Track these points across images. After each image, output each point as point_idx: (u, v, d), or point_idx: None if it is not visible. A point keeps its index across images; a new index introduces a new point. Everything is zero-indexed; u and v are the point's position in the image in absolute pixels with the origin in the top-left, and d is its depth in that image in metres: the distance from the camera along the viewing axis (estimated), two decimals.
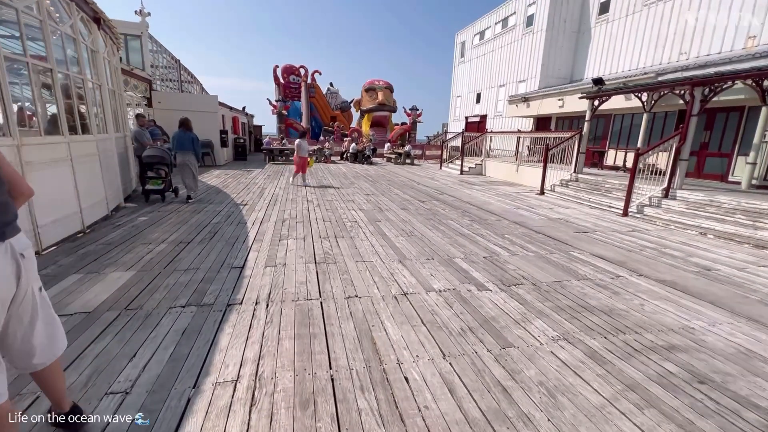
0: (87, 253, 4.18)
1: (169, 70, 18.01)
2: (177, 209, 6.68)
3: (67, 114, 4.82)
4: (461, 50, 27.21)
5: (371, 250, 4.75)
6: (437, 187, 11.31)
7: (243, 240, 4.93)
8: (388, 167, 17.86)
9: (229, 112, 17.58)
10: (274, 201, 7.86)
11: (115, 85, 8.05)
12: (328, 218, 6.44)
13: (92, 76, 5.89)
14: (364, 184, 11.30)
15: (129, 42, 13.76)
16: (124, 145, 7.46)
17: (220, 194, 8.46)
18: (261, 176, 12.14)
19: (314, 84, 29.36)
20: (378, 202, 8.26)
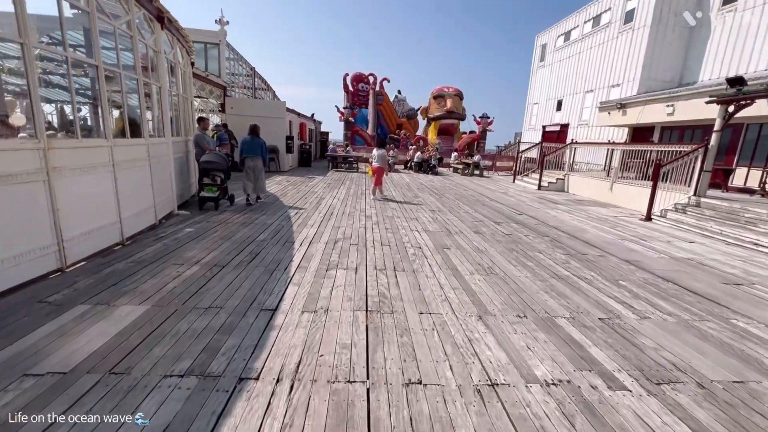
0: (112, 273, 3.65)
1: (244, 77, 18.65)
2: (227, 220, 6.19)
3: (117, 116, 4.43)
4: (541, 54, 25.00)
5: (439, 293, 3.65)
6: (513, 204, 9.83)
7: (285, 267, 4.12)
8: (454, 178, 16.57)
9: (296, 118, 17.66)
10: (329, 214, 7.11)
11: (184, 89, 7.96)
12: (387, 241, 5.46)
13: (150, 77, 5.60)
14: (430, 197, 10.21)
15: (209, 50, 14.31)
16: (184, 149, 7.25)
17: (275, 204, 7.95)
18: (321, 184, 11.64)
19: (382, 91, 29.09)
20: (446, 221, 7.12)
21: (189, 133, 7.77)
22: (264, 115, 14.33)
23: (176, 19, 6.37)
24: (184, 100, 7.73)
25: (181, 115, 7.43)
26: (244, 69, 17.85)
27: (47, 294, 3.10)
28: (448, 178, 16.70)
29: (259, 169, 7.74)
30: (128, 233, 4.67)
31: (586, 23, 20.10)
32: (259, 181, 7.80)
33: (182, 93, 7.54)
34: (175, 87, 6.98)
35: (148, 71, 5.52)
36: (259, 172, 7.75)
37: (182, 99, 7.49)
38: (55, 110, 9.77)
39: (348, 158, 16.98)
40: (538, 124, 24.72)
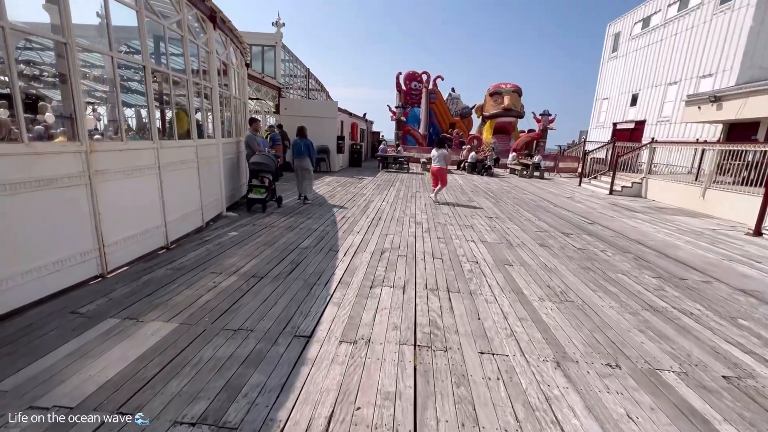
0: (149, 281, 3.50)
1: (299, 78, 18.97)
2: (272, 223, 6.01)
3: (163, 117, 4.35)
4: (613, 44, 22.66)
5: (503, 325, 3.04)
6: (582, 212, 8.73)
7: (326, 281, 3.74)
8: (512, 180, 15.45)
9: (348, 118, 17.57)
10: (377, 219, 6.69)
11: (239, 90, 8.00)
12: (440, 253, 4.90)
13: (202, 78, 5.54)
14: (485, 201, 9.42)
15: (265, 52, 14.64)
16: (236, 150, 7.23)
17: (323, 206, 7.70)
18: (371, 186, 11.31)
19: (435, 90, 28.36)
20: (505, 230, 6.37)
21: (242, 135, 7.78)
22: (316, 115, 14.35)
23: (229, 20, 6.30)
24: (237, 102, 7.75)
25: (234, 116, 7.43)
26: (300, 70, 18.13)
27: (82, 304, 2.98)
28: (505, 179, 15.62)
29: (306, 170, 7.86)
30: (173, 236, 4.58)
31: (670, 6, 17.77)
32: (305, 182, 7.96)
33: (235, 94, 7.55)
34: (229, 88, 6.96)
35: (199, 73, 5.47)
36: (306, 173, 7.88)
37: (235, 100, 7.49)
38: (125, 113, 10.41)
39: (398, 158, 16.54)
40: (608, 121, 22.47)
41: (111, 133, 6.29)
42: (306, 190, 8.04)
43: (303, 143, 7.84)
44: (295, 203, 7.87)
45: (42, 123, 5.62)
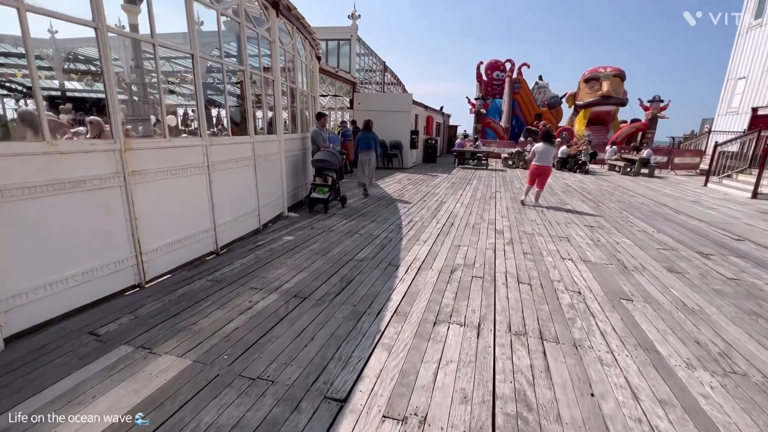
0: (184, 295, 3.13)
1: (376, 73, 18.58)
2: (331, 227, 5.48)
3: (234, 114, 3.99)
4: (757, 7, 18.17)
5: (635, 414, 1.99)
6: (718, 222, 6.74)
7: (378, 309, 3.01)
8: (612, 179, 13.17)
9: (423, 111, 16.71)
10: (449, 225, 5.79)
11: (309, 84, 7.68)
12: (527, 275, 3.85)
13: (261, 70, 5.19)
14: (582, 205, 7.86)
15: (341, 47, 14.43)
16: (301, 146, 6.89)
17: (389, 207, 7.01)
18: (444, 184, 10.34)
19: (520, 78, 26.02)
20: (613, 245, 5.01)
21: (310, 130, 7.45)
22: (389, 109, 13.76)
23: (295, 7, 5.89)
24: (306, 96, 7.42)
25: (300, 112, 7.09)
26: (376, 64, 17.71)
27: (105, 321, 2.66)
28: (604, 178, 13.37)
29: (368, 162, 7.98)
30: (224, 240, 4.26)
31: None
32: (366, 175, 8.10)
33: (303, 88, 7.21)
34: (295, 81, 6.61)
35: (260, 64, 5.11)
36: (367, 166, 8.01)
37: (301, 93, 7.15)
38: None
39: (476, 154, 15.20)
40: (744, 105, 18.15)
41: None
42: (367, 183, 8.12)
43: (369, 137, 7.89)
44: (360, 203, 7.31)
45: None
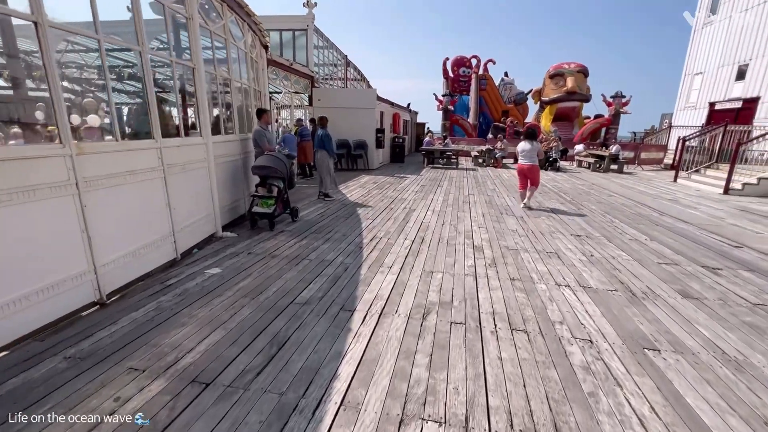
0: (9, 393, 1.99)
1: (338, 68, 17.43)
2: (275, 250, 4.40)
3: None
4: (711, 4, 18.60)
5: None
6: (705, 224, 6.24)
7: (318, 399, 2.01)
8: (584, 176, 12.81)
9: (389, 108, 15.78)
10: (419, 241, 4.87)
11: (256, 80, 6.52)
12: (520, 319, 2.97)
13: (176, 56, 4.03)
14: (561, 207, 7.20)
15: (297, 38, 13.20)
16: (241, 150, 5.73)
17: (350, 218, 6.00)
18: (413, 186, 9.45)
19: (486, 75, 25.69)
20: (608, 259, 4.26)
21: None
22: (352, 105, 12.72)
23: None
24: (248, 90, 6.26)
25: (242, 109, 5.93)
26: (337, 58, 16.57)
27: None
28: (576, 175, 13.00)
29: (320, 164, 7.27)
30: (117, 283, 3.12)
31: None
32: (323, 176, 7.38)
33: (245, 81, 6.04)
34: (230, 71, 5.45)
35: (168, 47, 3.94)
36: (321, 167, 7.30)
37: (241, 87, 5.99)
38: None
39: (446, 153, 14.46)
40: (702, 100, 18.58)
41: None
42: (324, 188, 7.42)
43: (320, 134, 7.20)
44: (317, 214, 6.26)
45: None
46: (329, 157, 7.24)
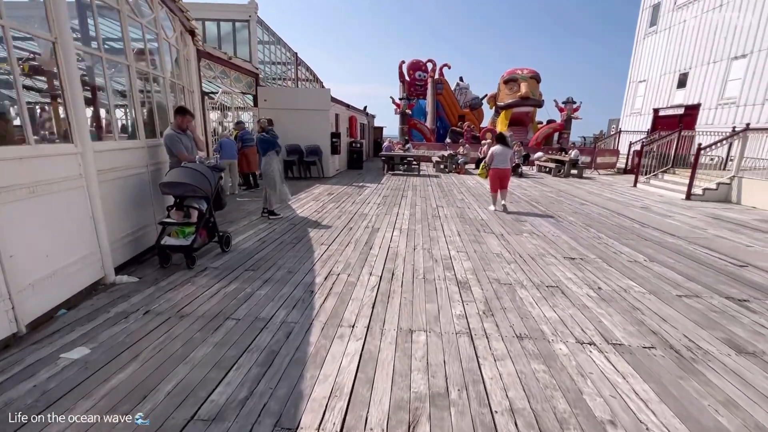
0: None
1: (289, 66, 15.99)
2: (185, 305, 3.10)
3: None
4: (651, 17, 19.50)
5: None
6: (693, 236, 5.76)
7: None
8: (547, 181, 12.49)
9: (345, 110, 14.64)
10: (388, 278, 3.78)
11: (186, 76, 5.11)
12: (554, 421, 1.98)
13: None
14: (538, 220, 6.46)
15: (237, 31, 11.67)
16: (148, 161, 4.31)
17: (300, 245, 4.78)
18: (374, 198, 8.37)
19: (442, 79, 25.38)
20: (621, 294, 3.45)
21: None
22: (304, 107, 11.43)
23: None
24: (165, 85, 4.85)
25: (153, 108, 4.53)
26: (285, 55, 15.14)
27: None
28: (539, 180, 12.64)
29: (266, 173, 6.08)
30: None
31: None
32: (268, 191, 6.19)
33: (161, 73, 4.64)
34: (126, 57, 4.04)
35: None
36: (266, 177, 6.10)
37: (154, 80, 4.58)
38: None
39: (407, 158, 13.58)
40: (646, 106, 19.36)
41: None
42: (268, 202, 6.24)
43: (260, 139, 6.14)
44: (257, 240, 4.97)
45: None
46: (276, 159, 6.03)
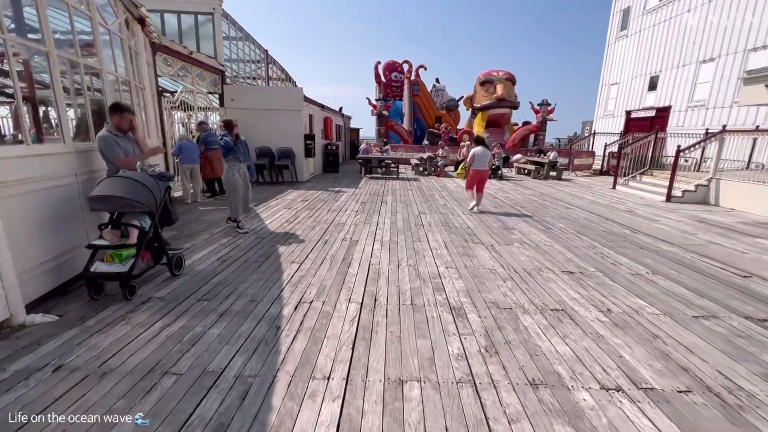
0: None
1: (258, 65, 15.15)
2: (111, 357, 2.42)
3: None
4: (622, 21, 19.87)
5: None
6: (685, 242, 5.52)
7: None
8: (527, 183, 12.28)
9: (320, 111, 13.96)
10: (370, 307, 3.22)
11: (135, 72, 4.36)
12: None
13: None
14: (527, 228, 6.07)
15: (200, 25, 10.80)
16: (74, 170, 3.55)
17: (265, 265, 4.15)
18: (352, 204, 7.79)
19: (418, 80, 25.12)
20: (634, 317, 3.04)
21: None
22: (275, 107, 10.70)
23: None
24: (105, 80, 4.09)
25: (87, 107, 3.78)
26: (255, 52, 14.31)
27: None
28: (520, 183, 12.41)
29: (227, 180, 5.47)
30: None
31: None
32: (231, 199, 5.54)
33: (93, 63, 3.89)
34: (49, 40, 3.30)
35: None
36: (227, 184, 5.52)
37: (90, 74, 3.83)
38: None
39: (385, 161, 13.06)
40: (619, 108, 19.69)
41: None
42: (232, 211, 5.57)
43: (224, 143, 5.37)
44: (216, 260, 4.29)
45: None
46: (237, 165, 5.37)
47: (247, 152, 5.60)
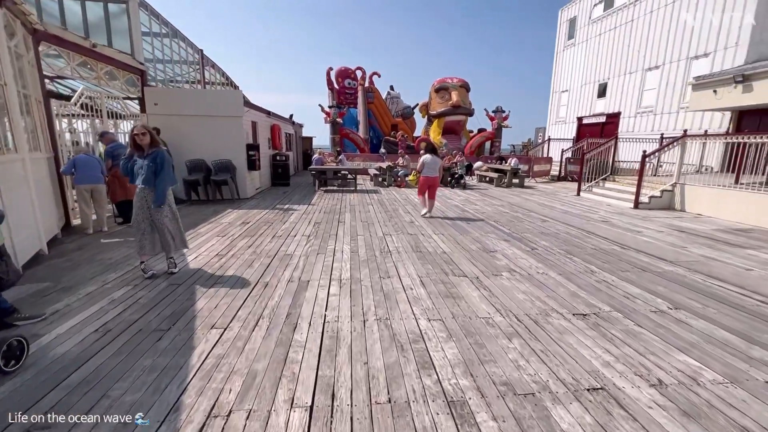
0: None
1: (191, 66, 13.41)
2: None
3: None
4: (568, 30, 20.42)
5: None
6: (683, 260, 4.92)
7: None
8: (492, 192, 11.69)
9: (265, 118, 12.51)
10: (322, 407, 2.05)
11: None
12: None
13: None
14: (505, 246, 5.20)
15: (112, 18, 9.03)
16: None
17: (165, 338, 2.82)
18: (303, 226, 6.54)
19: (372, 88, 24.29)
20: (703, 394, 2.15)
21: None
22: (209, 113, 9.17)
23: None
24: None
25: None
26: (187, 51, 12.59)
27: None
28: (485, 192, 11.79)
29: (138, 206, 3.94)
30: None
31: None
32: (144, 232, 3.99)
33: None
34: None
35: None
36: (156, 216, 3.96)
37: None
38: None
39: (341, 172, 11.90)
40: (570, 115, 20.10)
41: None
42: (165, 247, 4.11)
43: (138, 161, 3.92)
44: (90, 334, 2.89)
45: None
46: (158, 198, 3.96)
47: (156, 169, 4.11)
